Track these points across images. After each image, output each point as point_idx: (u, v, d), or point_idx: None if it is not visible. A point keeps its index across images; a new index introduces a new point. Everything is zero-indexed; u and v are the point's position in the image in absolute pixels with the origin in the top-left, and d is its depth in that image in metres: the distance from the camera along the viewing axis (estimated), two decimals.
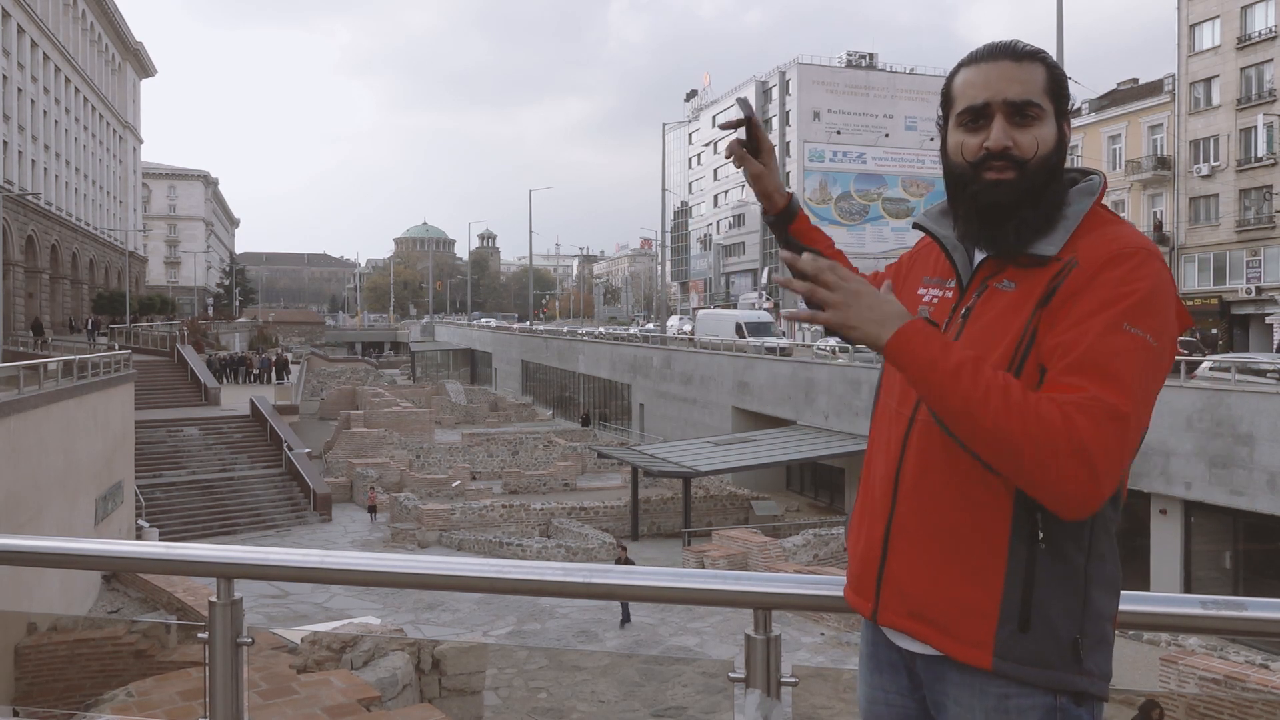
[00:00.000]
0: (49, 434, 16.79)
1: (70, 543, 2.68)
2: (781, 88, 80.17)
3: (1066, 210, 1.63)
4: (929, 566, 1.60)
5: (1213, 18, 44.01)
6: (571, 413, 55.22)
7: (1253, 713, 8.57)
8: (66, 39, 55.88)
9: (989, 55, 1.64)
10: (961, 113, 1.65)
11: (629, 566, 4.27)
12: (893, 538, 1.65)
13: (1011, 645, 1.53)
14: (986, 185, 1.62)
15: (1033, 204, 1.61)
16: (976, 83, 1.63)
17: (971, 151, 1.64)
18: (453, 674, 8.69)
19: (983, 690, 1.56)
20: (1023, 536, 1.53)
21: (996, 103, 1.61)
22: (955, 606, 1.57)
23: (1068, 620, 1.53)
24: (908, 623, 1.64)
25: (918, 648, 1.65)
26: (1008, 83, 1.61)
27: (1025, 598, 1.52)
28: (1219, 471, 19.11)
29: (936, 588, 1.59)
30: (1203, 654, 11.82)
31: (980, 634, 1.54)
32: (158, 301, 65.01)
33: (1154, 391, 1.50)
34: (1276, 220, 41.20)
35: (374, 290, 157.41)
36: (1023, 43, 1.66)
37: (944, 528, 1.59)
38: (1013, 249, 1.62)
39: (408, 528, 27.05)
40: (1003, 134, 1.61)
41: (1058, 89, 1.64)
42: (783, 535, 24.35)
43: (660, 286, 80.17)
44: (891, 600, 1.66)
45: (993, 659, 1.53)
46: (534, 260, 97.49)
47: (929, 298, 1.76)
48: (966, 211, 1.67)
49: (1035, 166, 1.61)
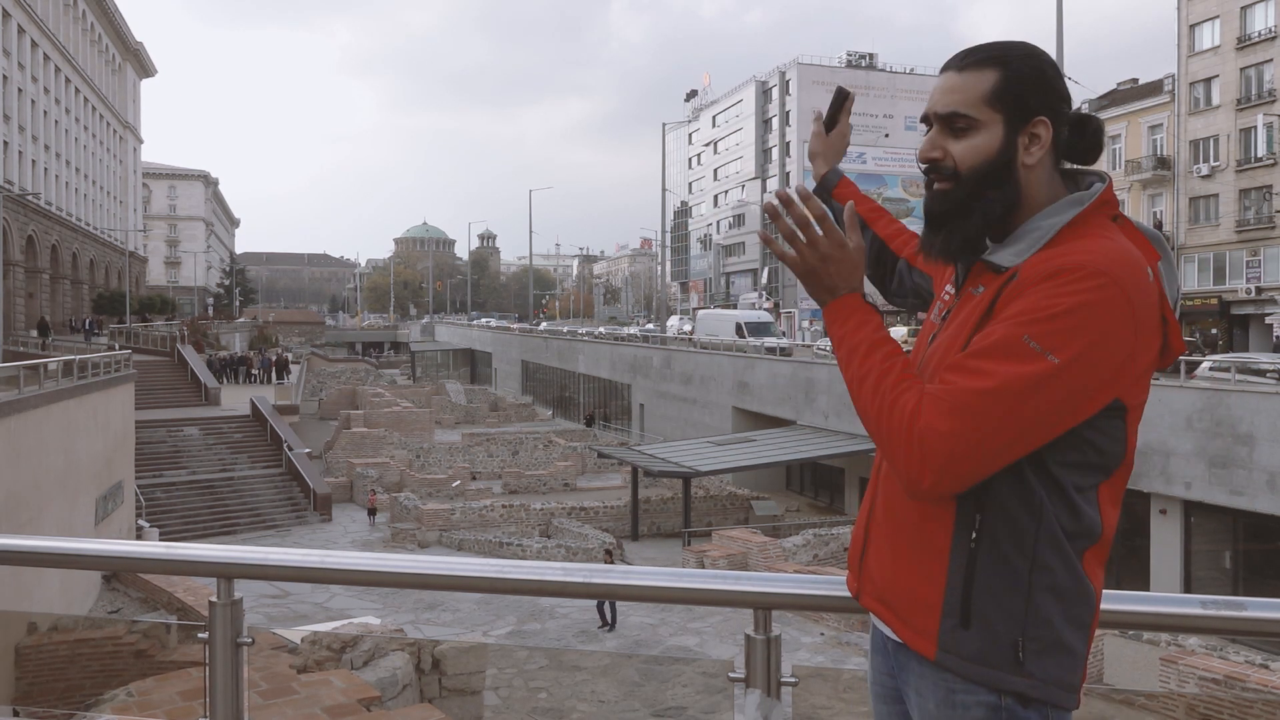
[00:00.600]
0: (49, 434, 16.79)
1: (70, 543, 2.68)
2: (781, 88, 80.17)
3: (1043, 221, 1.59)
4: (891, 556, 1.67)
5: (1213, 18, 44.02)
6: (572, 412, 55.22)
7: (1253, 713, 8.56)
8: (67, 39, 55.89)
9: (945, 65, 1.68)
10: (921, 119, 1.73)
11: (628, 567, 4.27)
12: (871, 525, 1.74)
13: (953, 640, 1.56)
14: (931, 194, 1.69)
15: (963, 214, 1.63)
16: (930, 93, 1.70)
17: (920, 158, 1.70)
18: (453, 674, 8.69)
19: (935, 681, 1.60)
20: (963, 535, 1.56)
21: (931, 114, 1.67)
22: (908, 596, 1.63)
23: (1008, 622, 1.53)
24: (877, 606, 1.71)
25: (888, 632, 1.71)
26: (942, 94, 1.65)
27: (965, 595, 1.55)
28: (1219, 471, 19.11)
29: (896, 577, 1.66)
30: (1203, 654, 11.80)
31: (928, 625, 1.59)
32: (158, 301, 65.05)
33: (1042, 410, 1.45)
34: (1276, 220, 41.20)
35: (374, 290, 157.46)
36: (980, 49, 1.64)
37: (901, 520, 1.65)
38: (942, 256, 1.69)
39: (408, 528, 27.05)
40: (928, 145, 1.67)
41: (1009, 96, 1.59)
42: (783, 535, 24.35)
43: (660, 286, 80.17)
44: (867, 584, 1.74)
45: (936, 650, 1.58)
46: (534, 260, 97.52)
47: (945, 296, 1.81)
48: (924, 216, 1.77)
49: (966, 176, 1.62)
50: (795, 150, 77.66)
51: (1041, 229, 1.59)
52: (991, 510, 1.54)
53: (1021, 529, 1.53)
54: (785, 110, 79.71)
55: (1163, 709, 8.27)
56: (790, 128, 78.82)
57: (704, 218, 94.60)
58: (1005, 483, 1.53)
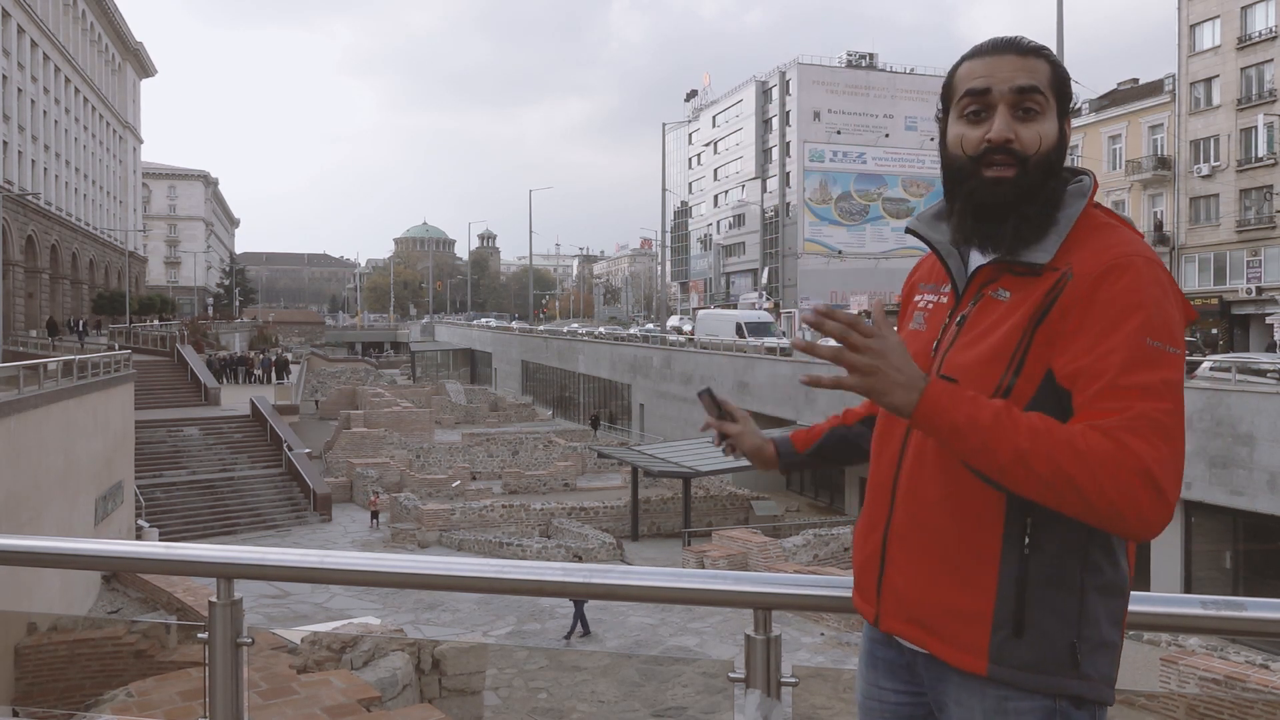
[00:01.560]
0: (49, 434, 16.79)
1: (70, 543, 2.68)
2: (781, 88, 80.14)
3: (1059, 214, 1.58)
4: (924, 573, 1.59)
5: (1213, 18, 44.01)
6: (572, 412, 55.20)
7: (1253, 713, 8.57)
8: (66, 39, 55.88)
9: (994, 49, 1.61)
10: (963, 98, 1.61)
11: (628, 567, 4.26)
12: (890, 544, 1.64)
13: (1006, 651, 1.52)
14: (985, 183, 1.58)
15: (1030, 201, 1.57)
16: (980, 73, 1.59)
17: (972, 145, 1.59)
18: (453, 674, 8.69)
19: (982, 692, 1.55)
20: (1015, 543, 1.52)
21: (1000, 90, 1.57)
22: (950, 613, 1.56)
23: (1063, 626, 1.51)
24: (907, 629, 1.63)
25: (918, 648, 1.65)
26: (1013, 70, 1.57)
27: (1019, 604, 1.51)
28: (1219, 471, 19.11)
29: (932, 594, 1.58)
30: (1203, 654, 11.81)
31: (976, 640, 1.53)
32: (158, 301, 65.00)
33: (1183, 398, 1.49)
34: (1277, 220, 41.20)
35: (374, 290, 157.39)
36: (1027, 39, 1.62)
37: (938, 535, 1.57)
38: (1010, 247, 1.58)
39: (408, 528, 27.04)
40: (1005, 125, 1.56)
41: (1061, 86, 1.60)
42: (783, 535, 24.34)
43: (660, 286, 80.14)
44: (890, 606, 1.65)
45: (988, 664, 1.52)
46: (534, 260, 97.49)
47: (924, 303, 1.74)
48: (962, 208, 1.63)
49: (1036, 163, 1.57)
50: (795, 150, 77.63)
51: (1060, 222, 1.58)
52: (1041, 511, 1.48)
53: (1074, 528, 1.50)
54: (785, 110, 79.67)
55: (1163, 709, 8.27)
56: (790, 128, 78.77)
57: (704, 218, 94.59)
58: None
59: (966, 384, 1.52)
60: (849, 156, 77.74)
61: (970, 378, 1.54)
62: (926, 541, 1.59)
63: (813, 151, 77.08)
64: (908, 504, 1.62)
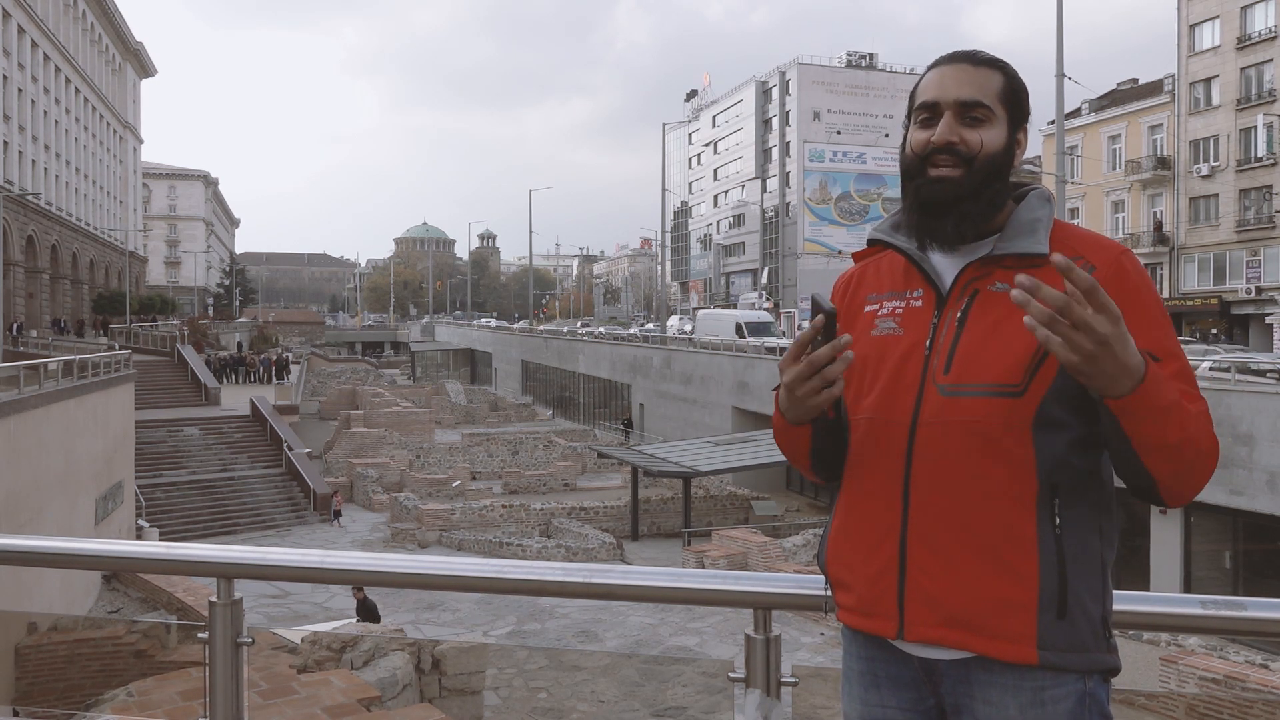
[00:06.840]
0: (49, 434, 16.79)
1: (70, 543, 2.69)
2: (781, 88, 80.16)
3: (1039, 213, 1.68)
4: (963, 570, 1.56)
5: (1213, 18, 44.02)
6: (572, 412, 55.21)
7: (1253, 713, 8.56)
8: (67, 39, 55.88)
9: (948, 60, 1.71)
10: (917, 109, 1.70)
11: (628, 567, 4.26)
12: (911, 549, 1.60)
13: (1052, 634, 1.54)
14: (929, 180, 1.67)
15: (973, 200, 1.66)
16: (933, 83, 1.69)
17: (920, 146, 1.68)
18: (453, 674, 8.68)
19: (1017, 686, 1.55)
20: (1048, 525, 1.56)
21: (946, 101, 1.66)
22: (992, 605, 1.55)
23: (1095, 601, 1.57)
24: (940, 632, 1.59)
25: (943, 654, 1.61)
26: (959, 84, 1.67)
27: (1061, 584, 1.54)
28: (1219, 471, 19.09)
29: (974, 589, 1.56)
30: (1203, 654, 11.82)
31: (1023, 628, 1.54)
32: (158, 301, 64.99)
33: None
34: (1276, 220, 41.21)
35: (374, 290, 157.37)
36: (985, 52, 1.72)
37: (974, 528, 1.56)
38: (952, 240, 1.67)
39: (408, 528, 27.05)
40: (949, 129, 1.65)
41: (1013, 98, 1.69)
42: (783, 535, 24.34)
43: (660, 286, 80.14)
44: (920, 613, 1.60)
45: (1037, 651, 1.54)
46: (534, 260, 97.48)
47: (887, 310, 1.72)
48: (909, 205, 1.72)
49: (980, 164, 1.65)
50: (795, 150, 77.68)
51: (1041, 219, 1.67)
52: (1065, 491, 1.56)
53: (1091, 502, 1.59)
54: (785, 110, 79.69)
55: (1163, 709, 8.26)
56: (790, 128, 78.81)
57: (704, 218, 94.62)
58: (1077, 458, 1.57)
59: (993, 371, 1.57)
60: (849, 156, 77.78)
61: (998, 366, 1.58)
62: (963, 537, 1.57)
63: (813, 151, 77.11)
64: (932, 503, 1.59)
